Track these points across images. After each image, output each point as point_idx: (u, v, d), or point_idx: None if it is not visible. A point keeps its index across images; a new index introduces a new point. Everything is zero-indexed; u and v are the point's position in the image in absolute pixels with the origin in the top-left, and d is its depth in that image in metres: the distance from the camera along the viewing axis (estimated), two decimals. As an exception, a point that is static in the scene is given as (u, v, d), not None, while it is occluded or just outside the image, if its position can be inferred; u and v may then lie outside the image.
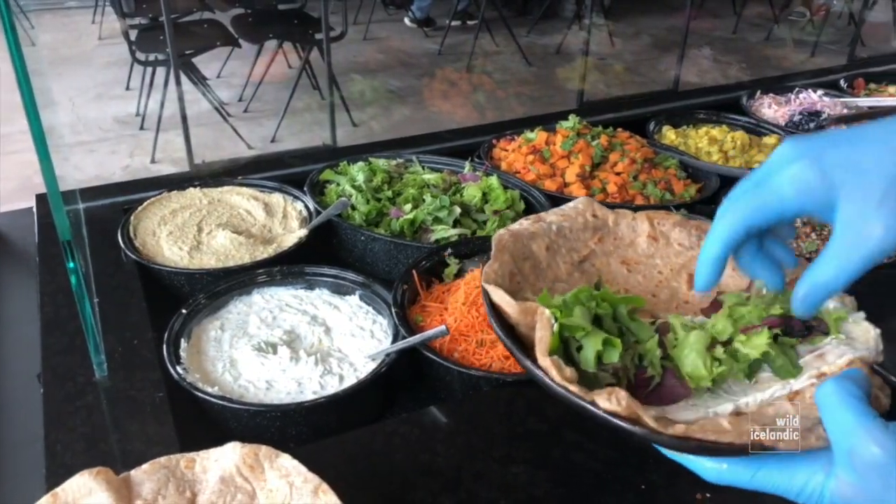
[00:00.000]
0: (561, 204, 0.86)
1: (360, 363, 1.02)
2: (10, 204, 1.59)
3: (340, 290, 1.17)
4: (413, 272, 1.13)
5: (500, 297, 0.67)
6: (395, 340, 1.03)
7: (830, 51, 5.50)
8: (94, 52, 5.38)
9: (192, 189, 1.42)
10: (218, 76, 4.75)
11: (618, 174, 1.50)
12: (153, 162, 3.72)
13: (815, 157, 0.52)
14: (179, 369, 0.96)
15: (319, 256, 1.25)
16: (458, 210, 1.32)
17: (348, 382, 0.98)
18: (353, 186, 1.38)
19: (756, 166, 1.61)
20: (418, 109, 4.62)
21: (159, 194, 1.39)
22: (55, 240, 0.88)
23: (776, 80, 2.29)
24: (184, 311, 1.06)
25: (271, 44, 4.31)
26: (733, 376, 0.62)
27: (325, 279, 1.17)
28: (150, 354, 1.00)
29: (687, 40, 2.51)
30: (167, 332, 1.01)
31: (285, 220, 1.37)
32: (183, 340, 1.02)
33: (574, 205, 0.84)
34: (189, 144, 2.44)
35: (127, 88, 4.54)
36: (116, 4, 3.62)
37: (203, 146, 3.49)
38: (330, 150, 2.13)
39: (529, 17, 6.42)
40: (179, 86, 2.38)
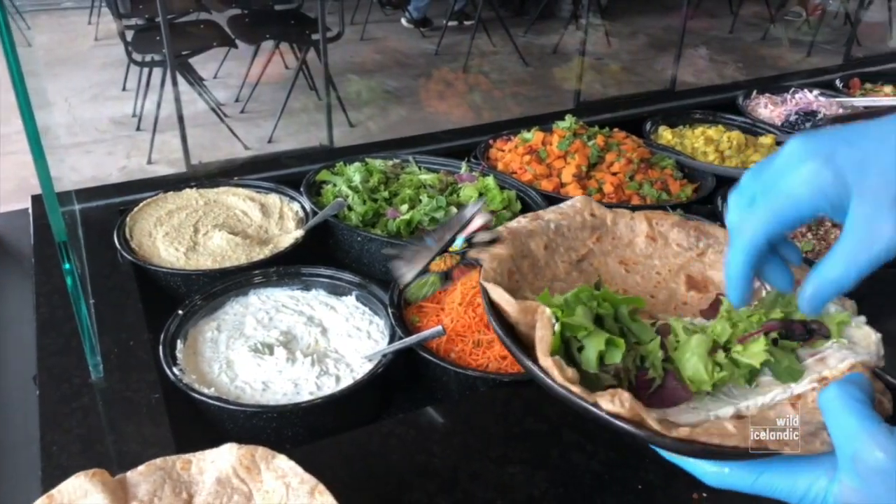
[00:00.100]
0: (557, 204, 0.86)
1: (356, 364, 1.02)
2: (7, 205, 1.58)
3: (337, 291, 1.16)
4: (410, 273, 1.13)
5: (499, 296, 0.66)
6: (391, 341, 1.03)
7: (826, 51, 5.51)
8: (90, 52, 5.38)
9: (188, 190, 1.42)
10: (214, 77, 4.75)
11: (614, 174, 1.50)
12: (149, 163, 3.71)
13: (827, 155, 0.50)
14: (176, 370, 0.96)
15: (316, 257, 1.24)
16: (454, 210, 1.32)
17: (345, 383, 0.98)
18: (350, 187, 1.38)
19: (755, 163, 1.63)
20: (415, 110, 4.62)
21: (156, 195, 1.39)
22: (51, 241, 0.87)
23: (772, 80, 2.29)
24: (180, 312, 1.06)
25: (268, 44, 4.31)
26: (734, 381, 0.62)
27: (322, 280, 1.17)
28: (147, 356, 1.00)
29: (683, 40, 2.52)
30: (163, 334, 1.01)
31: (282, 220, 1.37)
32: (179, 341, 1.02)
33: (572, 203, 0.84)
34: (185, 145, 2.44)
35: (123, 89, 4.54)
36: (113, 5, 3.61)
37: (200, 147, 3.49)
38: (326, 150, 2.13)
39: (526, 17, 6.42)
40: (176, 86, 2.37)
